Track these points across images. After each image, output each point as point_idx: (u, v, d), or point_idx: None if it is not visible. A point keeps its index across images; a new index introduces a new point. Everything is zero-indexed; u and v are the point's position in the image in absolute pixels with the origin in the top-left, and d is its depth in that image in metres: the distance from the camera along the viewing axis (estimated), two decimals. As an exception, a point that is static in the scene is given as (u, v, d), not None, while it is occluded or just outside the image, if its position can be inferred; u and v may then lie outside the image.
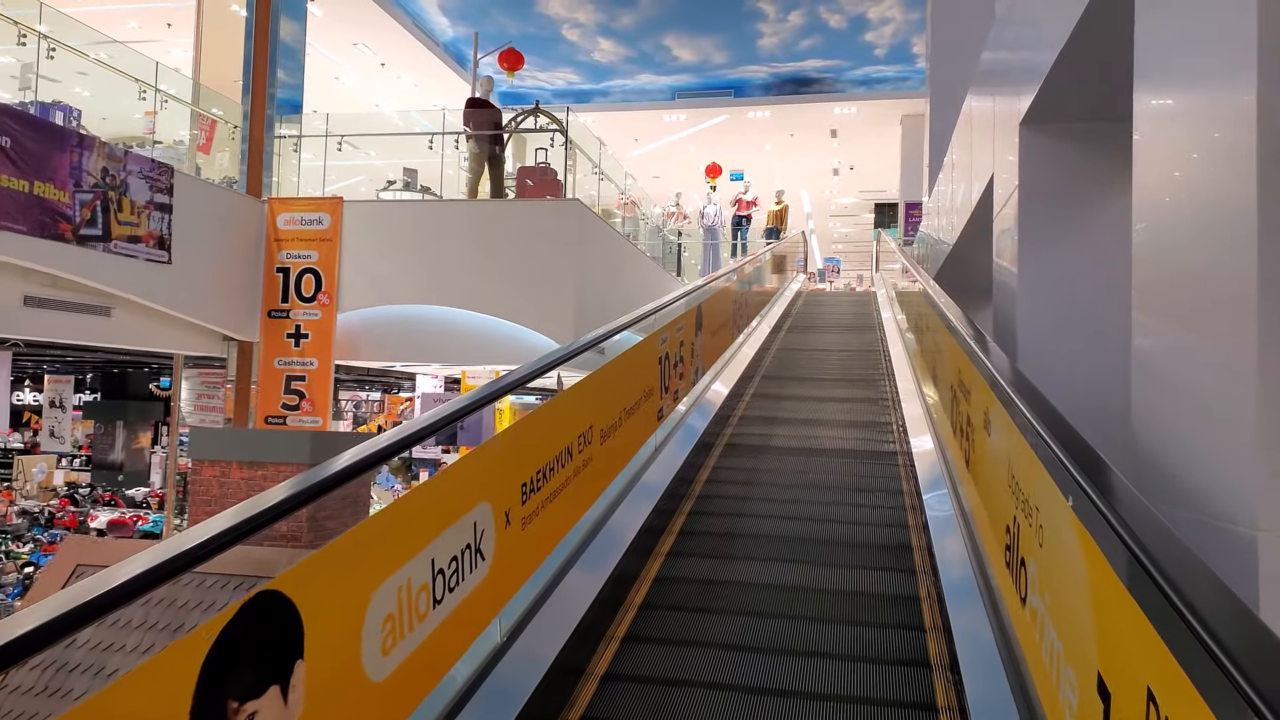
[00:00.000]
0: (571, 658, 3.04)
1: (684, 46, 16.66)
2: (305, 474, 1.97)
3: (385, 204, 11.90)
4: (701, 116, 19.06)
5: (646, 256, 15.64)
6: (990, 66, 6.04)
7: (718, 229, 18.79)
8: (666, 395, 4.89)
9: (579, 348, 3.81)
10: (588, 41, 16.46)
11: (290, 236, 11.45)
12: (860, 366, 8.94)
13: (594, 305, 11.11)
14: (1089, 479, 1.73)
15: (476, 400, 2.74)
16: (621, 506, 4.01)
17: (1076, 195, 4.46)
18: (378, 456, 2.15)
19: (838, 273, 28.10)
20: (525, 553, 2.78)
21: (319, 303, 11.32)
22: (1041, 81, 4.05)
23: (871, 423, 6.33)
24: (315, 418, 11.44)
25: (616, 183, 14.97)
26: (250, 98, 11.80)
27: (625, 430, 4.00)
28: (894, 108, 18.23)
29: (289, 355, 11.38)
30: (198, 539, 1.60)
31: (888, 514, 4.66)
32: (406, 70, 16.76)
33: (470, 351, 11.67)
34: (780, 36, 16.09)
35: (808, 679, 3.10)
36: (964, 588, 3.36)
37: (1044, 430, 2.05)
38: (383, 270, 11.23)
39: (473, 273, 10.90)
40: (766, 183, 21.48)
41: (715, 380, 6.89)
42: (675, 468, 4.81)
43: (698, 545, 4.24)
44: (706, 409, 6.00)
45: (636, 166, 23.39)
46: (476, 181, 12.09)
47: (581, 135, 13.41)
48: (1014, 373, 2.72)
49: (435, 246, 11.07)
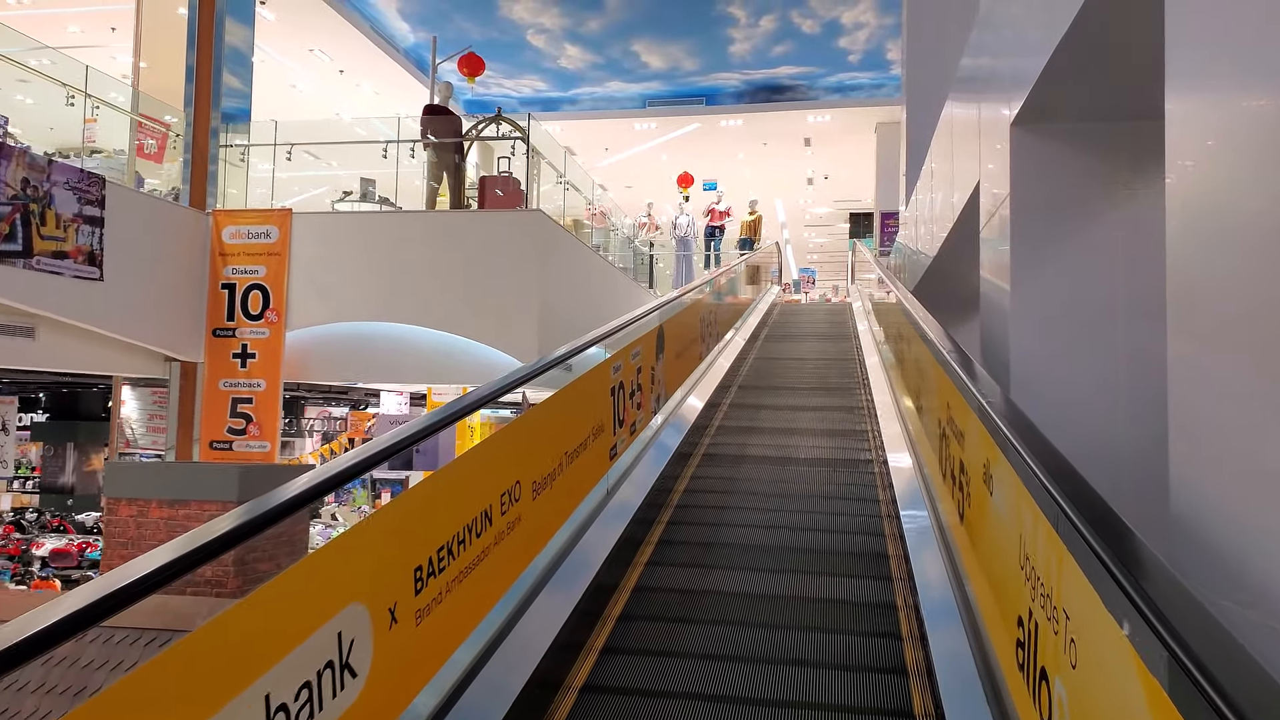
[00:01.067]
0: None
1: (653, 53, 16.19)
2: (229, 514, 1.78)
3: (337, 216, 11.32)
4: (673, 125, 18.61)
5: (616, 269, 15.13)
6: (972, 70, 5.58)
7: (690, 240, 18.34)
8: (622, 429, 4.36)
9: (510, 383, 3.28)
10: (554, 48, 15.95)
11: (236, 251, 10.84)
12: (837, 376, 8.64)
13: (560, 321, 10.58)
14: (1162, 617, 1.21)
15: (411, 435, 2.50)
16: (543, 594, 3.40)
17: (1075, 202, 3.98)
18: (309, 494, 1.97)
19: (813, 283, 27.70)
20: (422, 653, 2.23)
21: (266, 320, 10.71)
22: (1037, 77, 3.57)
23: (852, 459, 5.84)
24: (263, 442, 10.82)
25: (584, 193, 14.45)
26: (194, 104, 11.19)
27: (569, 477, 3.47)
28: (869, 115, 17.85)
29: (235, 376, 10.76)
30: (99, 593, 1.45)
31: (868, 560, 4.15)
32: (366, 77, 16.18)
33: (429, 370, 11.11)
34: (752, 42, 15.66)
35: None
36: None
37: (1085, 530, 1.53)
38: (335, 286, 10.65)
39: (430, 288, 10.35)
40: (740, 192, 21.06)
41: (682, 403, 6.37)
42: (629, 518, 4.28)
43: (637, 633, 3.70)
44: (664, 447, 5.47)
45: (608, 176, 22.90)
46: (435, 192, 11.55)
47: (546, 144, 12.89)
48: (1027, 428, 2.21)
49: (390, 260, 10.50)
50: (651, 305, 5.23)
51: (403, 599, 2.10)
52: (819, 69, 16.75)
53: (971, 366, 3.28)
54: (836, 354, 9.87)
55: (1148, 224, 3.89)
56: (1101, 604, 1.44)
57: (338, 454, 15.47)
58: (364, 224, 11.02)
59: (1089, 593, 1.50)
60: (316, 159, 14.03)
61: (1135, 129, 3.88)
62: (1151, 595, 1.28)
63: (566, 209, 15.06)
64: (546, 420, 3.31)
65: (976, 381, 2.97)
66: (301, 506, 1.96)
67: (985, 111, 4.97)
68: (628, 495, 4.45)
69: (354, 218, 11.30)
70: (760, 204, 19.69)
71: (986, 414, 2.56)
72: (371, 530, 2.13)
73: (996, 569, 2.41)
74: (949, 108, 6.87)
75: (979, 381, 2.97)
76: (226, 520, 1.75)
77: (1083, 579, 1.53)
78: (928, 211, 8.26)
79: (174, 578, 1.56)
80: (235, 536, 1.73)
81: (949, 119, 6.82)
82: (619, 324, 4.43)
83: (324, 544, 2.11)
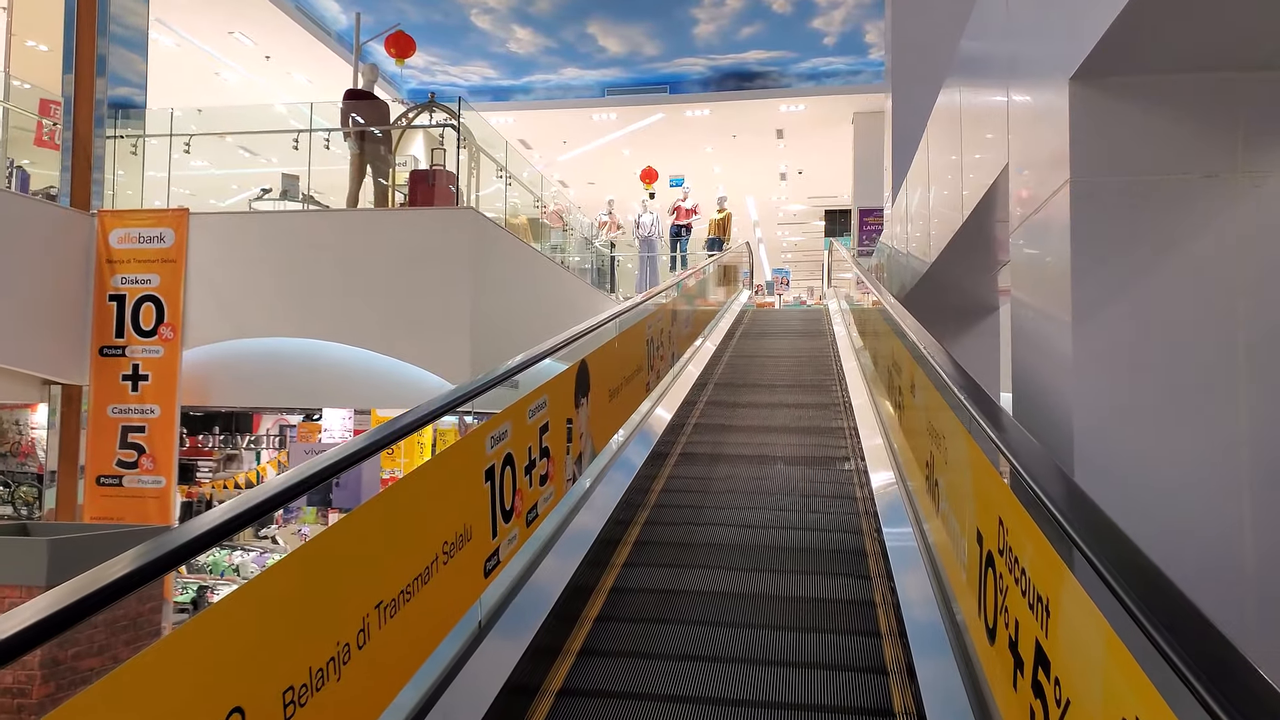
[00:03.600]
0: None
1: (611, 35, 14.82)
2: (30, 605, 1.37)
3: (243, 217, 9.87)
4: (634, 115, 17.24)
5: (570, 273, 13.78)
6: (997, 25, 4.30)
7: (655, 240, 17.00)
8: (510, 523, 3.03)
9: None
10: (501, 30, 14.54)
11: (126, 257, 9.39)
12: (814, 388, 7.27)
13: (499, 335, 9.24)
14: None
15: (297, 483, 2.03)
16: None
17: (1172, 192, 2.70)
18: (144, 572, 1.53)
19: (787, 284, 26.47)
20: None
21: (161, 337, 9.27)
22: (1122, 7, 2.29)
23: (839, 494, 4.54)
24: (157, 477, 9.37)
25: (534, 189, 13.09)
26: (75, 89, 9.71)
27: (425, 599, 2.13)
28: (845, 104, 16.58)
29: (125, 401, 9.31)
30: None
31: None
32: (297, 65, 14.70)
33: (348, 393, 9.71)
34: (718, 24, 14.34)
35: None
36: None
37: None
38: (240, 297, 9.23)
39: (348, 299, 8.95)
40: (710, 189, 19.75)
41: (618, 456, 5.04)
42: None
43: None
44: (579, 538, 4.11)
45: (569, 172, 21.52)
46: (357, 188, 10.16)
47: (487, 134, 11.52)
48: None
49: (304, 268, 9.09)
50: (564, 337, 3.89)
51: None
52: (791, 53, 15.46)
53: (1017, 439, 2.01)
54: (814, 386, 8.58)
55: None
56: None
57: (264, 478, 13.99)
58: (274, 226, 9.59)
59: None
60: (254, 155, 12.60)
61: (1264, 83, 2.61)
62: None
63: (520, 208, 13.71)
64: (386, 524, 2.01)
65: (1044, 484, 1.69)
66: (136, 586, 1.53)
67: (1022, 74, 3.69)
68: (513, 633, 3.09)
69: (262, 219, 9.87)
70: (730, 201, 18.40)
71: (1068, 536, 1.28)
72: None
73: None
74: (953, 85, 5.59)
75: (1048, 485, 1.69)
76: (25, 612, 1.36)
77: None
78: (921, 209, 7.00)
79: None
80: (32, 635, 1.33)
81: (953, 99, 5.54)
82: (495, 377, 3.10)
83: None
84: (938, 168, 6.14)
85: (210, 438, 15.25)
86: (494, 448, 2.84)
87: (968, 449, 2.65)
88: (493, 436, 2.83)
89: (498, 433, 2.87)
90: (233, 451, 16.23)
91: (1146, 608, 1.29)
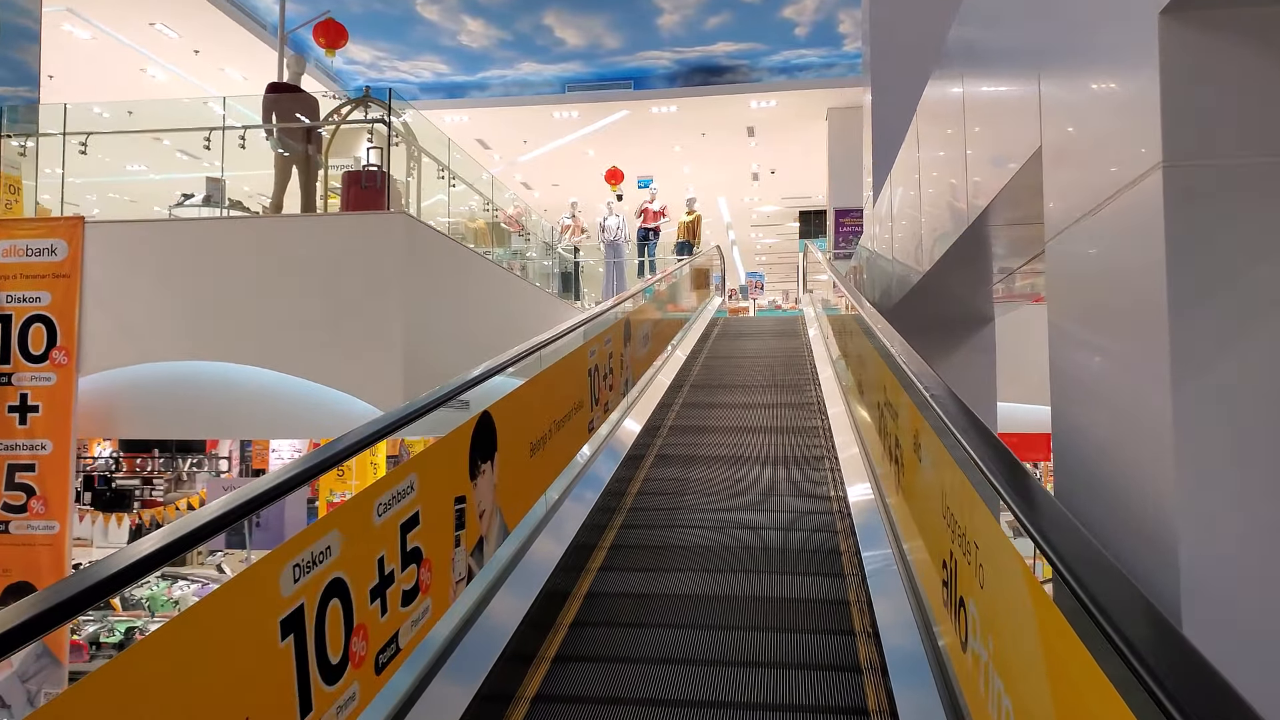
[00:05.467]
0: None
1: (569, 27, 13.82)
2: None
3: (150, 226, 8.76)
4: (597, 113, 16.24)
5: (529, 282, 12.77)
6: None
7: (621, 244, 16.03)
8: (343, 682, 2.04)
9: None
10: (451, 21, 13.50)
11: (11, 272, 8.30)
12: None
13: (441, 355, 8.24)
14: None
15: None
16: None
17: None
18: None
19: (761, 288, 25.55)
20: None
21: (53, 362, 8.18)
22: None
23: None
24: (49, 522, 8.27)
25: (482, 191, 12.08)
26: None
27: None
28: (819, 99, 15.66)
29: (12, 436, 8.21)
30: None
31: None
32: (228, 59, 13.60)
33: (270, 423, 8.65)
34: (683, 14, 13.38)
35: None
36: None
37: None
38: (147, 316, 8.15)
39: (267, 318, 7.92)
40: (680, 190, 18.80)
41: (534, 542, 4.04)
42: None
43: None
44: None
45: (533, 174, 20.50)
46: (282, 193, 9.13)
47: (431, 132, 10.51)
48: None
49: (218, 282, 8.05)
50: (444, 392, 2.90)
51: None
52: (761, 45, 14.52)
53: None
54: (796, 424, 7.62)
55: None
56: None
57: (170, 518, 12.85)
58: (185, 235, 8.52)
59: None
60: (196, 158, 11.51)
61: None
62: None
63: (478, 212, 12.70)
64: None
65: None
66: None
67: (1068, 36, 2.75)
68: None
69: (171, 227, 8.79)
70: (700, 202, 17.46)
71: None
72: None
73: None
74: (949, 74, 4.67)
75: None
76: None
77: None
78: (909, 209, 6.07)
79: None
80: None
81: (948, 89, 4.62)
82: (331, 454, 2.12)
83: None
84: (931, 164, 5.21)
85: (150, 461, 14.14)
86: (300, 581, 1.84)
87: (1022, 588, 1.69)
88: (297, 565, 1.84)
89: (308, 556, 1.88)
90: (191, 470, 15.04)
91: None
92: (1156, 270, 1.92)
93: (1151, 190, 1.95)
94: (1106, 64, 2.26)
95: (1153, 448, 1.94)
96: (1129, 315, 2.13)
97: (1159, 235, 1.91)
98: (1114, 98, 2.20)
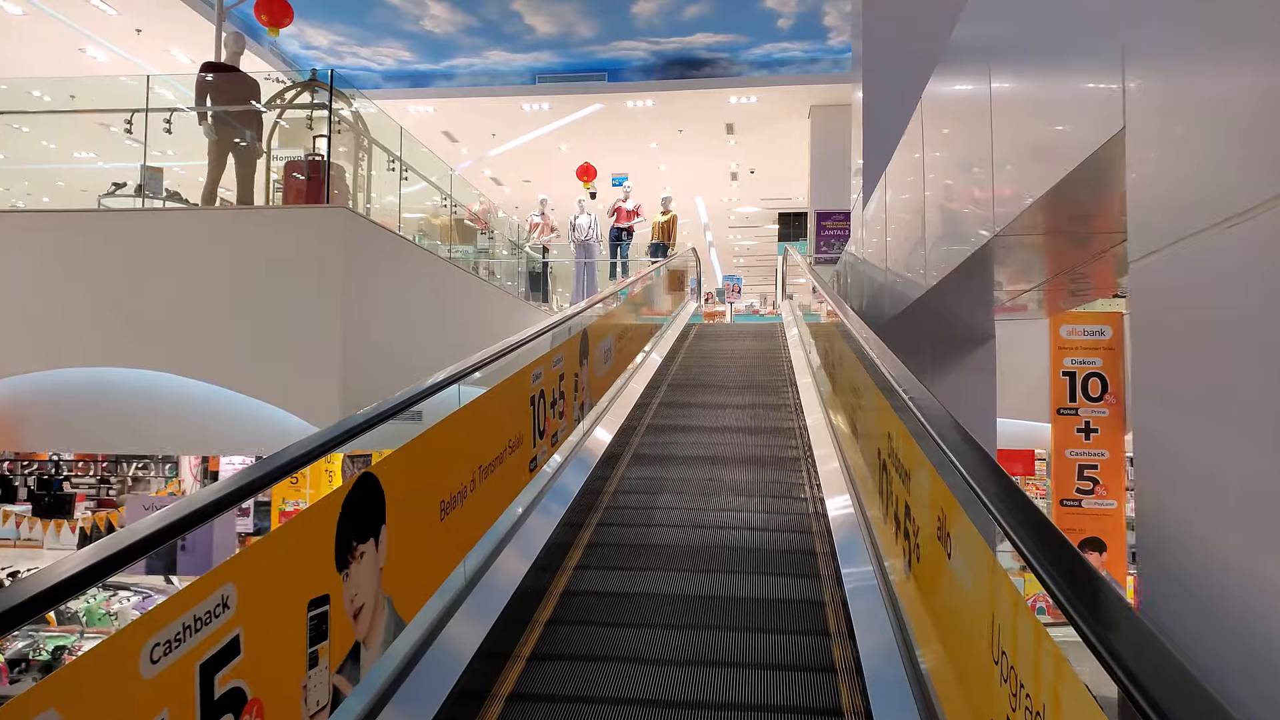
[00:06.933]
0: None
1: (539, 14, 13.03)
2: None
3: (63, 218, 7.90)
4: (570, 105, 15.45)
5: (492, 284, 11.99)
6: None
7: (593, 244, 15.27)
8: None
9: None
10: (414, 6, 12.67)
11: (-97, 267, 7.44)
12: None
13: (384, 366, 7.48)
14: None
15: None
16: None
17: None
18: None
19: (738, 292, 24.86)
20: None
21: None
22: None
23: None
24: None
25: (440, 186, 11.29)
26: None
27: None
28: (802, 96, 14.97)
29: (-97, 450, 7.37)
30: None
31: None
32: (173, 39, 12.71)
33: (193, 437, 7.85)
34: (659, 2, 12.64)
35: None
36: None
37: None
38: (60, 318, 7.32)
39: (191, 321, 7.12)
40: (656, 188, 18.06)
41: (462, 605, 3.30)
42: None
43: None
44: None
45: (502, 169, 19.70)
46: (215, 183, 8.31)
47: (381, 121, 9.71)
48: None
49: (140, 281, 7.24)
50: (396, 400, 2.15)
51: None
52: (742, 37, 13.80)
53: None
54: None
55: None
56: None
57: (98, 531, 12.00)
58: (106, 228, 7.68)
59: None
60: (147, 145, 10.63)
61: None
62: None
63: (441, 209, 11.91)
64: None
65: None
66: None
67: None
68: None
69: (92, 219, 7.91)
70: (676, 202, 16.73)
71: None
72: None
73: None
74: (967, 71, 3.97)
75: None
76: None
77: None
78: (909, 214, 5.37)
79: None
80: None
81: (970, 86, 3.92)
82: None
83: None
84: (939, 166, 4.51)
85: (93, 465, 13.26)
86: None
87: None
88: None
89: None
90: (137, 474, 14.10)
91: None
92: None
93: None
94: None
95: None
96: (1266, 375, 1.41)
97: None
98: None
